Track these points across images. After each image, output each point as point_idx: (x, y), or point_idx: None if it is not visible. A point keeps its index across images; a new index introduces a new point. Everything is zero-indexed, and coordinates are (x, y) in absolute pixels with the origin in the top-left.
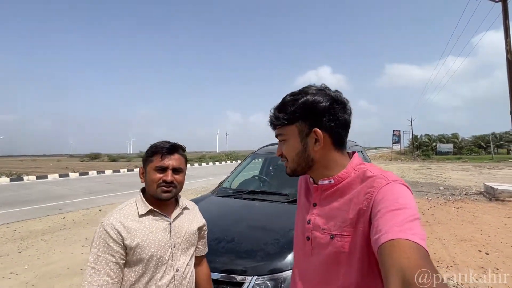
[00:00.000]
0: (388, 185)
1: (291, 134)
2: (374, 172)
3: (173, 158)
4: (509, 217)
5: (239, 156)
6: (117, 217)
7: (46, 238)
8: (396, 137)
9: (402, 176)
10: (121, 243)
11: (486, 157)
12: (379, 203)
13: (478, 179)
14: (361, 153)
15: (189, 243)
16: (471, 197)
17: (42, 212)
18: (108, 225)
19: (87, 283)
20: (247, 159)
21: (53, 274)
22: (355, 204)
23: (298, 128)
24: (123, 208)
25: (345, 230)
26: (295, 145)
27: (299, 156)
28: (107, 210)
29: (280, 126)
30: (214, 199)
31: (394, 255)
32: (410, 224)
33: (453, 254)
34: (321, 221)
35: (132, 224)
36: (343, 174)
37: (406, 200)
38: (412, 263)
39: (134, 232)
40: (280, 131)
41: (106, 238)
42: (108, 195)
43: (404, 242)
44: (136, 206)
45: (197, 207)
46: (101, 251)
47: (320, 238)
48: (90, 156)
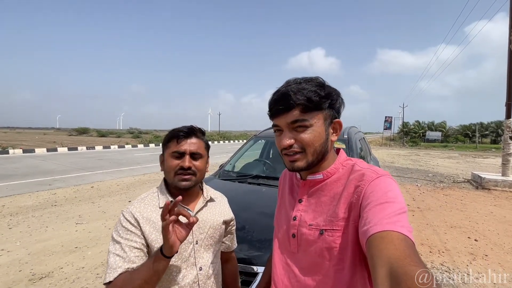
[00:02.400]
0: (377, 179)
1: (318, 121)
2: (362, 166)
3: (191, 142)
4: (495, 205)
5: (231, 137)
6: (138, 207)
7: (37, 215)
8: (388, 123)
9: (392, 162)
10: (140, 231)
11: (470, 146)
12: (369, 196)
13: (464, 167)
14: (363, 140)
15: (213, 240)
16: (459, 184)
17: (31, 187)
18: (127, 213)
19: (112, 270)
20: (249, 141)
21: (47, 251)
22: (345, 198)
23: (324, 116)
24: (145, 198)
25: (337, 225)
26: (321, 133)
27: (322, 147)
28: (99, 187)
29: (305, 111)
30: (218, 182)
31: (382, 246)
32: (398, 217)
33: (444, 240)
34: (308, 217)
35: (152, 215)
36: (331, 170)
37: (395, 193)
38: (400, 254)
39: (153, 224)
40: (304, 116)
41: (126, 225)
42: (99, 172)
43: (392, 234)
44: (157, 197)
45: (226, 199)
46: (123, 238)
47: (307, 235)
48: (78, 130)
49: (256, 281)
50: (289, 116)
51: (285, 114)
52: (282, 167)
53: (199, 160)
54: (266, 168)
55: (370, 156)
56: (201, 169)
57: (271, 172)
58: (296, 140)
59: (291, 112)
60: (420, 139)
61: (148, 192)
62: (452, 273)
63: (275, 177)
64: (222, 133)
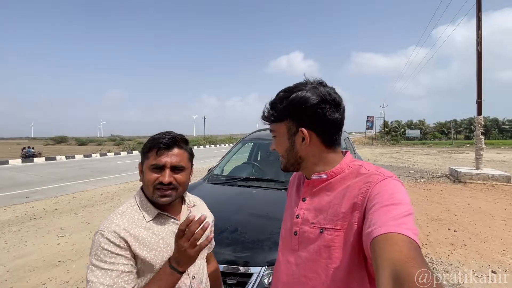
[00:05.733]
0: (384, 181)
1: (280, 131)
2: (369, 168)
3: (172, 154)
4: (471, 198)
5: (217, 141)
6: (121, 224)
7: (14, 229)
8: (370, 122)
9: (375, 160)
10: (129, 252)
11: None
12: (374, 198)
13: (442, 163)
14: (347, 140)
15: None
16: (438, 179)
17: (6, 201)
18: (109, 232)
19: None
20: (237, 144)
21: (27, 267)
22: (348, 198)
23: (286, 126)
24: (125, 213)
25: (337, 224)
26: (283, 142)
27: (288, 153)
28: (81, 197)
29: (271, 123)
30: (207, 186)
31: (387, 248)
32: (404, 219)
33: (427, 232)
34: (310, 215)
35: (140, 232)
36: (336, 170)
37: (401, 195)
38: (404, 256)
39: (143, 241)
40: (272, 127)
41: (110, 247)
42: (81, 182)
43: (397, 236)
44: (140, 209)
45: (203, 202)
46: (108, 263)
47: (308, 233)
48: (56, 139)
49: (251, 282)
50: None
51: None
52: (270, 169)
53: (181, 173)
54: (255, 171)
55: (354, 156)
56: (183, 183)
57: (260, 174)
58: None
59: (270, 124)
60: (401, 137)
61: (126, 206)
62: (434, 263)
63: (265, 179)
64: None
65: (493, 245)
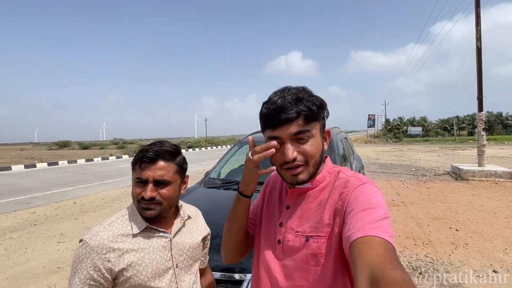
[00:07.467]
0: (361, 186)
1: (317, 131)
2: (347, 174)
3: (155, 167)
4: (473, 195)
5: (219, 142)
6: (105, 237)
7: (15, 236)
8: (371, 121)
9: (377, 158)
10: (109, 270)
11: (449, 139)
12: (352, 203)
13: (444, 160)
14: (346, 139)
15: (193, 259)
16: (440, 177)
17: (7, 207)
18: (93, 247)
19: None
20: (234, 147)
21: (27, 274)
22: (330, 205)
23: (320, 126)
24: (112, 224)
25: (322, 231)
26: (320, 144)
27: (320, 157)
28: (82, 202)
29: (309, 122)
30: (203, 190)
31: (364, 251)
32: (380, 223)
33: (428, 232)
34: (295, 223)
35: (124, 245)
36: (319, 178)
37: (377, 200)
38: (379, 258)
39: (127, 256)
40: (307, 127)
41: (90, 264)
42: (82, 186)
43: (374, 239)
44: (129, 221)
45: (200, 212)
46: (87, 280)
47: (293, 241)
48: (59, 144)
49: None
50: (292, 126)
51: (288, 125)
52: None
53: (166, 187)
54: None
55: (353, 155)
56: (169, 197)
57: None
58: (299, 152)
59: (295, 122)
60: (403, 134)
61: (117, 216)
62: (435, 263)
63: (261, 182)
64: (210, 139)
65: (495, 243)
